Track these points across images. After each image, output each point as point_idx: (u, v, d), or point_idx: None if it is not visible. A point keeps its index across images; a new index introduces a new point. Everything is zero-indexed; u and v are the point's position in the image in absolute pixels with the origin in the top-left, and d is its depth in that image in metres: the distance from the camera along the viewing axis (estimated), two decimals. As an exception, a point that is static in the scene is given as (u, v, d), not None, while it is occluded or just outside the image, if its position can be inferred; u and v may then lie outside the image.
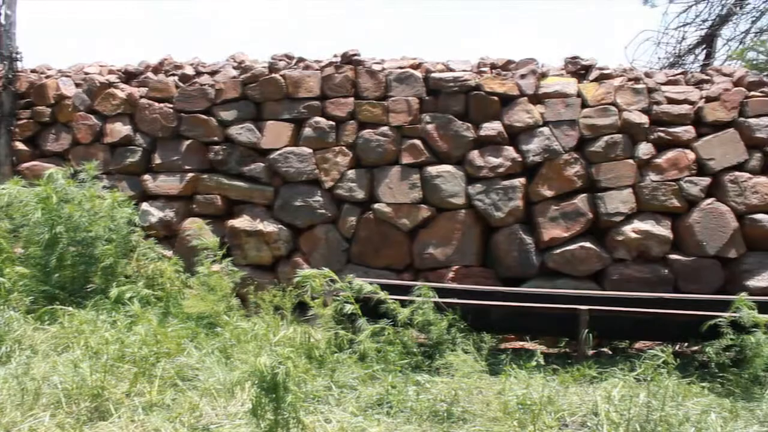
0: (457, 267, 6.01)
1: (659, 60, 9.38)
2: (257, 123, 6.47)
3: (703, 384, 4.71)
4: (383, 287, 5.04)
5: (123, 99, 6.80)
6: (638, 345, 5.55)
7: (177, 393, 4.14)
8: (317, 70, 6.47)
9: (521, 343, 5.71)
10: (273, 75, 6.48)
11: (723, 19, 9.17)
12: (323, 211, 6.23)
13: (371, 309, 4.94)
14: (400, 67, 6.35)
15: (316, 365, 4.64)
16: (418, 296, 5.02)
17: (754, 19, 8.98)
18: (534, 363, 4.65)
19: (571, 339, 5.28)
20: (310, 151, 6.31)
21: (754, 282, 5.73)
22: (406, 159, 6.15)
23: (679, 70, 7.03)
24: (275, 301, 5.37)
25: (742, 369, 4.75)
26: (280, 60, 6.66)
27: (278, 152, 6.34)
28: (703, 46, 9.36)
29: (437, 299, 5.05)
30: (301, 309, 5.31)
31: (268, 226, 6.28)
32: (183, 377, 4.37)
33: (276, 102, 6.44)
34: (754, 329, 4.71)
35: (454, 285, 5.83)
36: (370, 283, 5.03)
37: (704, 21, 9.33)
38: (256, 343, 4.79)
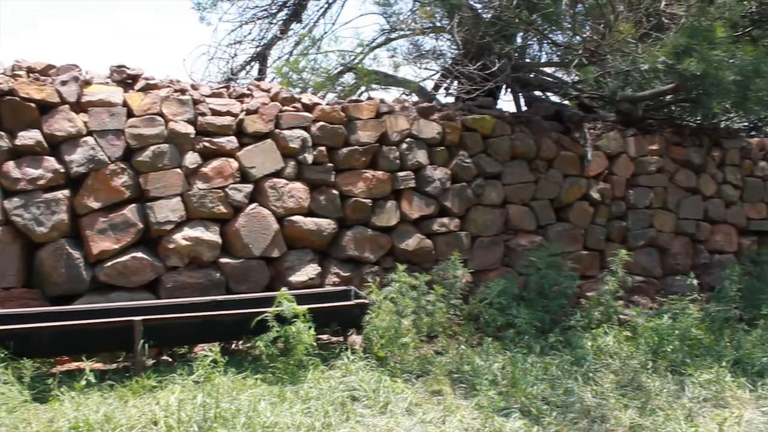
0: (-4, 291, 5.43)
1: (216, 74, 9.70)
2: None
3: (257, 376, 5.08)
4: None
5: None
6: (198, 348, 5.68)
7: None
8: None
9: (77, 363, 5.41)
10: None
11: (270, 41, 9.88)
12: None
13: None
14: None
15: None
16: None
17: (295, 42, 9.84)
18: (84, 383, 4.47)
19: (130, 352, 5.18)
20: None
21: (295, 277, 6.32)
22: (-75, 173, 5.35)
23: (223, 84, 7.40)
24: None
25: (288, 357, 5.22)
26: None
27: None
28: (255, 63, 9.95)
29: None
30: None
31: None
32: None
33: None
34: (295, 320, 5.21)
35: (-6, 310, 5.28)
36: None
37: (253, 41, 9.96)
38: None
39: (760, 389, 5.30)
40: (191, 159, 6.09)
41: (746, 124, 10.71)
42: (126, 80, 6.24)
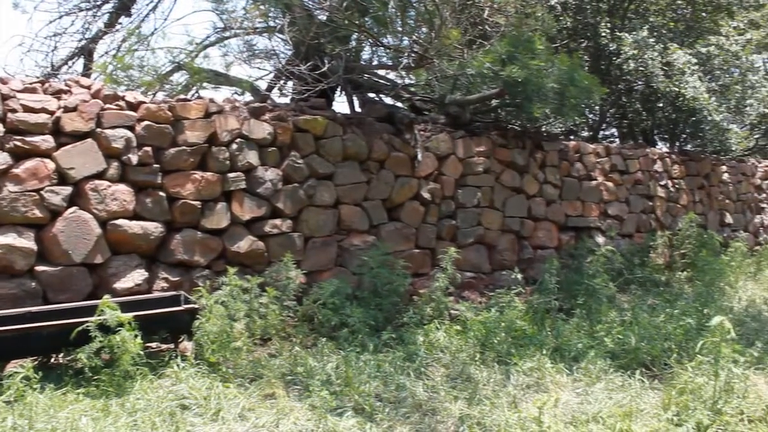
0: None
1: (34, 69, 9.03)
2: None
3: (79, 390, 4.81)
4: None
5: None
6: (11, 365, 5.25)
7: None
8: None
9: None
10: None
11: (96, 35, 9.34)
12: None
13: None
14: None
15: None
16: None
17: (123, 38, 9.35)
18: None
19: (-76, 374, 4.71)
20: None
21: (120, 284, 5.99)
22: None
23: (39, 79, 6.90)
24: None
25: (114, 368, 4.97)
26: None
27: None
28: (80, 58, 9.36)
29: None
30: None
31: None
32: None
33: None
34: (120, 328, 4.95)
35: None
36: None
37: (76, 33, 9.37)
38: None
39: (575, 373, 5.69)
40: (0, 159, 5.60)
41: (563, 128, 11.53)
42: (-76, 73, 5.66)
